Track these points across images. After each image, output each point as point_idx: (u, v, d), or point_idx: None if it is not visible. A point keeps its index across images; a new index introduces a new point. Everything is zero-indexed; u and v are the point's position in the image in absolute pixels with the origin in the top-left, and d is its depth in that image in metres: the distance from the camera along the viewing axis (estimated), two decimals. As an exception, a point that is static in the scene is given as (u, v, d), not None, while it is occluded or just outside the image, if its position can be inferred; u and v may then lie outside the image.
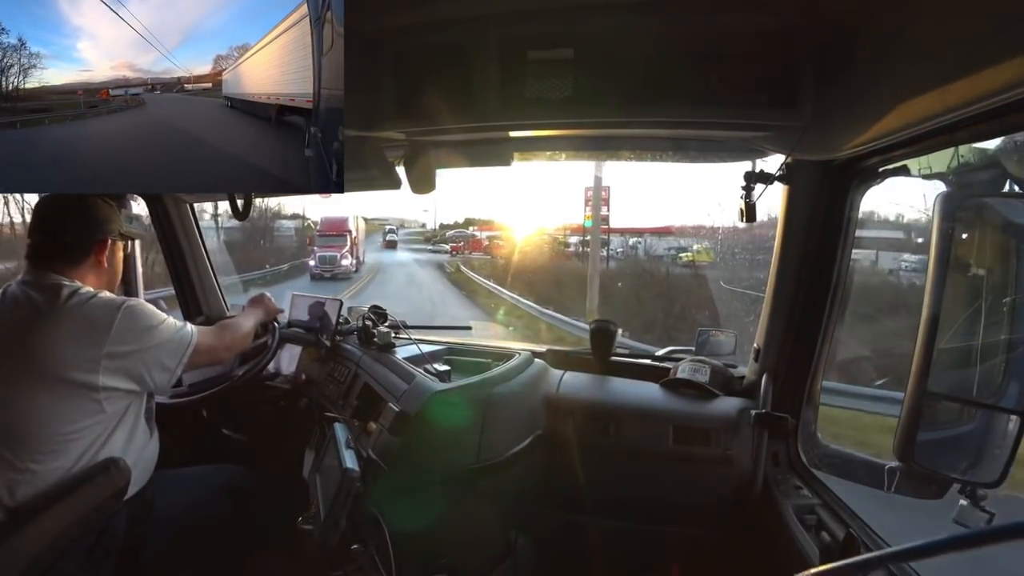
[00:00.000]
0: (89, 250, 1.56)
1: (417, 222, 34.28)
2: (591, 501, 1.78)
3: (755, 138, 1.43)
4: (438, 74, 1.29)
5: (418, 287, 17.79)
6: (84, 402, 1.42)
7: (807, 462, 1.64)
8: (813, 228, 1.53)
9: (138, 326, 1.49)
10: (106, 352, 1.43)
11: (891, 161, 1.28)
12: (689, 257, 14.28)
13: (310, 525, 1.52)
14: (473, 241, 26.73)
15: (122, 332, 1.45)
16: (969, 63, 0.79)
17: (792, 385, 1.66)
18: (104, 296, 1.50)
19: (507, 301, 14.54)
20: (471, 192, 39.51)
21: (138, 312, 1.50)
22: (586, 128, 1.41)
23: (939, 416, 1.12)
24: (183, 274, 2.59)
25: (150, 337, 1.51)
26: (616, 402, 1.82)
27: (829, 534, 1.33)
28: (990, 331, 1.06)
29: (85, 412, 1.43)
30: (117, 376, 1.45)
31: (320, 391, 2.16)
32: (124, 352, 1.46)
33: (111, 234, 1.60)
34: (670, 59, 1.18)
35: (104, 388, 1.43)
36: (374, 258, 24.62)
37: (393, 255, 26.84)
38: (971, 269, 1.07)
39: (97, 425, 1.45)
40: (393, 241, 29.65)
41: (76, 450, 1.42)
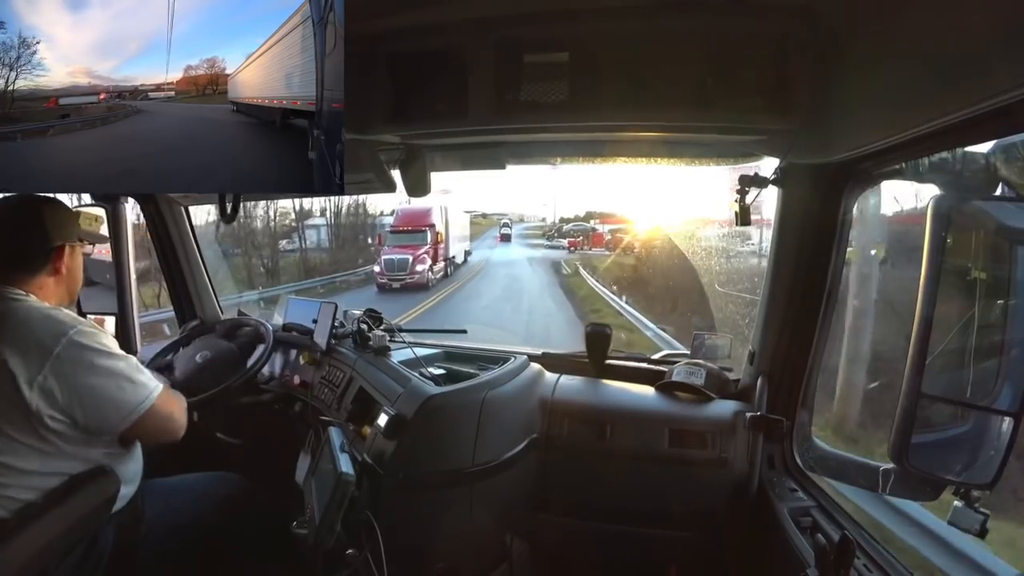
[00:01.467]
0: (47, 257, 1.46)
1: (537, 216, 33.67)
2: (587, 504, 1.78)
3: (749, 142, 1.44)
4: (434, 77, 1.29)
5: (517, 299, 13.50)
6: (28, 422, 1.30)
7: (802, 464, 1.64)
8: (807, 231, 1.53)
9: (84, 356, 1.34)
10: (42, 377, 1.29)
11: (884, 165, 1.29)
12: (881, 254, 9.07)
13: (305, 530, 1.51)
14: (594, 235, 23.76)
15: (65, 358, 1.31)
16: (961, 68, 0.80)
17: (787, 388, 1.66)
18: (54, 315, 1.37)
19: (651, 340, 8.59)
20: (591, 184, 37.63)
21: (86, 340, 1.35)
22: (581, 132, 1.41)
23: (933, 418, 1.13)
24: (177, 276, 2.58)
25: (93, 372, 1.35)
26: (612, 405, 1.82)
27: (824, 536, 1.33)
28: (983, 333, 1.06)
29: (36, 431, 1.31)
30: (47, 403, 1.29)
31: (315, 395, 2.15)
32: (58, 383, 1.30)
33: (69, 239, 1.50)
34: (665, 63, 1.18)
35: (36, 414, 1.29)
36: (482, 256, 21.81)
37: (504, 252, 24.49)
38: (964, 272, 1.08)
39: (59, 439, 1.34)
40: (508, 234, 29.19)
41: (48, 466, 1.35)
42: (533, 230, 31.66)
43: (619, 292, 12.66)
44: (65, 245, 1.49)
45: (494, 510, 1.68)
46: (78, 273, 1.57)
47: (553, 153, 1.77)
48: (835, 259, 1.51)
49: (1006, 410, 1.02)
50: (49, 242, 1.46)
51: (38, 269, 1.45)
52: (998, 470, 1.03)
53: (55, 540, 1.35)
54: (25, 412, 1.29)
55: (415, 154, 1.65)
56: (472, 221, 24.21)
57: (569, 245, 24.07)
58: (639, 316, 9.98)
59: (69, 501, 1.37)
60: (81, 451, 1.39)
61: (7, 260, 1.43)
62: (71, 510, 1.37)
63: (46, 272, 1.47)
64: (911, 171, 1.22)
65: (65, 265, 1.50)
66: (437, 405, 1.61)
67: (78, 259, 1.57)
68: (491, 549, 1.81)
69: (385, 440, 1.59)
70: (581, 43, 1.19)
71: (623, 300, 11.84)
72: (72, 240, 1.52)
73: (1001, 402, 1.03)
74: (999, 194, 1.07)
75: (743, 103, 1.19)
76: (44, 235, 1.45)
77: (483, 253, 23.02)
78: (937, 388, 1.09)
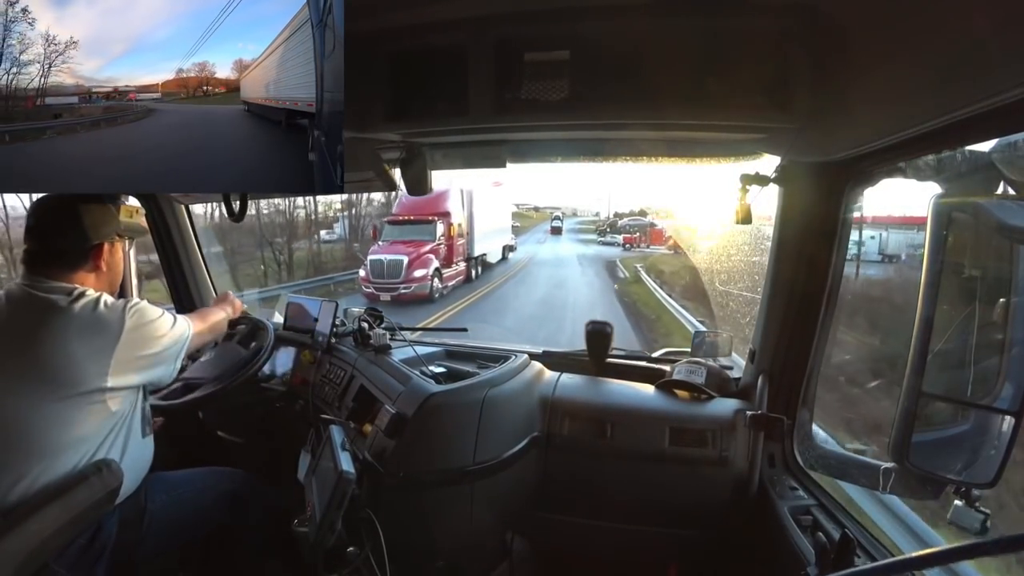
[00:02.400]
0: (87, 256, 1.54)
1: (591, 211, 33.00)
2: (588, 503, 1.78)
3: (750, 140, 1.44)
4: (434, 75, 1.29)
5: (558, 320, 9.50)
6: (90, 405, 1.42)
7: (803, 463, 1.64)
8: (808, 230, 1.53)
9: (145, 326, 1.52)
10: (116, 355, 1.44)
11: (885, 163, 1.29)
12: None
13: (305, 528, 1.51)
14: (652, 232, 21.35)
15: (131, 334, 1.48)
16: (964, 66, 0.79)
17: (788, 386, 1.66)
18: (109, 300, 1.50)
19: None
20: (647, 177, 35.18)
21: (144, 312, 1.53)
22: (581, 130, 1.41)
23: (934, 417, 1.13)
24: (178, 274, 2.58)
25: (156, 335, 1.54)
26: (612, 404, 1.82)
27: (825, 534, 1.33)
28: (984, 332, 1.06)
29: (90, 415, 1.43)
30: (126, 376, 1.48)
31: (316, 393, 2.15)
32: (133, 354, 1.48)
33: (107, 238, 1.58)
34: (665, 62, 1.18)
35: (112, 389, 1.45)
36: (527, 253, 19.68)
37: (553, 248, 22.69)
38: (965, 271, 1.08)
39: (98, 427, 1.45)
40: (559, 227, 29.13)
41: (75, 453, 1.42)
42: (586, 224, 30.73)
43: (698, 309, 8.78)
44: (104, 243, 1.56)
45: (495, 508, 1.68)
46: (119, 267, 1.66)
47: (553, 151, 1.77)
48: (836, 257, 1.51)
49: (1007, 409, 1.01)
50: (88, 241, 1.53)
51: (78, 267, 1.53)
52: (999, 469, 1.03)
53: (58, 531, 1.37)
54: (97, 394, 1.43)
55: (415, 152, 1.65)
56: (523, 214, 23.18)
57: (625, 242, 22.25)
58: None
59: (72, 493, 1.39)
60: (116, 429, 1.52)
61: (49, 259, 1.50)
62: (75, 502, 1.39)
63: (86, 269, 1.54)
64: (912, 170, 1.22)
65: (105, 262, 1.58)
66: (438, 403, 1.62)
67: (118, 255, 1.65)
68: (492, 547, 1.81)
69: (386, 438, 1.60)
70: (581, 41, 1.19)
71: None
72: (111, 238, 1.58)
73: (1002, 401, 1.02)
74: (1000, 193, 1.07)
75: (744, 101, 1.19)
76: (83, 235, 1.52)
77: (529, 249, 21.23)
78: (938, 387, 1.09)
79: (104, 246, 1.57)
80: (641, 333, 8.52)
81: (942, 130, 0.96)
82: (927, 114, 0.93)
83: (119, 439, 1.51)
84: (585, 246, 22.52)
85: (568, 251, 21.40)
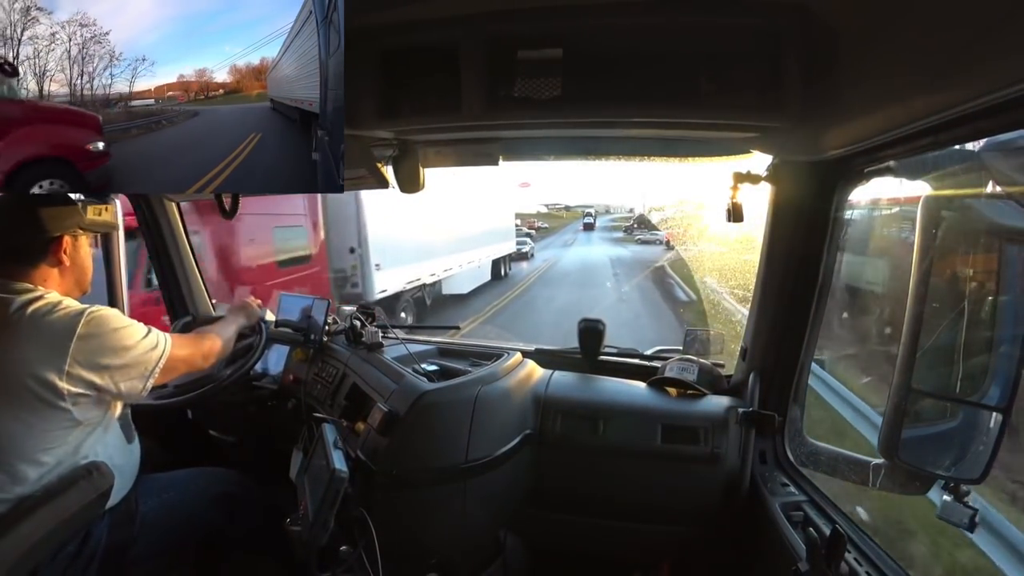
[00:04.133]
0: (46, 250, 1.49)
1: (624, 207, 32.41)
2: (581, 500, 1.79)
3: (742, 139, 1.44)
4: (426, 73, 1.29)
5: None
6: (50, 411, 1.37)
7: (794, 459, 1.65)
8: (799, 228, 1.54)
9: (104, 335, 1.43)
10: (70, 361, 1.38)
11: (876, 162, 1.29)
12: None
13: (298, 526, 1.51)
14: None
15: (85, 341, 1.40)
16: (954, 65, 0.80)
17: (779, 383, 1.68)
18: (69, 304, 1.44)
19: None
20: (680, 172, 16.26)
21: (103, 321, 1.44)
22: (574, 128, 1.41)
23: (923, 413, 1.14)
24: (169, 273, 2.56)
25: (115, 346, 1.45)
26: (605, 401, 1.82)
27: (816, 530, 1.34)
28: (973, 330, 1.07)
29: (53, 422, 1.38)
30: (82, 385, 1.40)
31: (308, 391, 2.15)
32: (88, 362, 1.40)
33: (68, 231, 1.52)
34: (658, 60, 1.18)
35: (70, 395, 1.39)
36: (546, 258, 15.71)
37: (582, 249, 20.04)
38: (954, 269, 1.09)
39: (68, 434, 1.41)
40: (591, 223, 29.63)
41: (50, 459, 1.39)
42: (620, 221, 29.98)
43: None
44: (64, 236, 1.52)
45: (488, 506, 1.68)
46: (84, 263, 1.61)
47: (546, 149, 1.77)
48: (827, 255, 1.53)
49: (994, 405, 1.03)
50: (46, 233, 1.49)
51: (39, 261, 1.49)
52: (987, 465, 1.04)
53: (48, 536, 1.36)
54: (55, 400, 1.37)
55: (408, 150, 1.65)
56: (554, 214, 21.74)
57: (667, 240, 17.63)
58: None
59: (63, 497, 1.38)
60: (94, 437, 1.48)
61: (8, 258, 1.46)
62: (65, 506, 1.38)
63: (48, 264, 1.50)
64: (903, 168, 1.23)
65: (67, 256, 1.53)
66: (430, 401, 1.62)
67: (83, 250, 1.59)
68: (485, 544, 1.81)
69: (378, 436, 1.60)
70: (574, 39, 1.19)
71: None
72: (73, 231, 1.54)
73: (990, 398, 1.04)
74: (989, 192, 1.08)
75: (736, 99, 1.19)
76: (40, 228, 1.47)
77: (553, 254, 17.00)
78: (927, 384, 1.10)
79: (65, 239, 1.52)
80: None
81: (932, 129, 0.97)
82: (917, 113, 0.93)
83: (96, 447, 1.48)
84: (619, 246, 19.50)
85: (599, 254, 17.40)
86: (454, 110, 1.27)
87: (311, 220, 7.88)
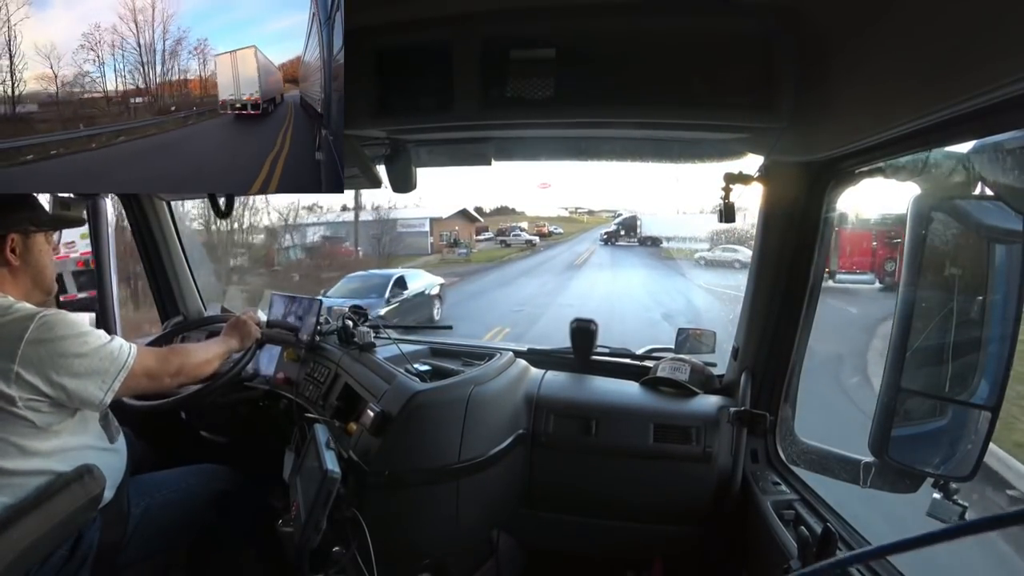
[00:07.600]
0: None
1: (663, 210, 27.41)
2: (573, 499, 1.79)
3: (734, 139, 1.45)
4: (419, 72, 1.29)
5: None
6: (8, 418, 1.31)
7: (785, 458, 1.66)
8: (791, 228, 1.55)
9: (55, 341, 1.34)
10: (18, 367, 1.29)
11: (867, 163, 1.30)
12: None
13: (291, 528, 1.50)
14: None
15: (35, 346, 1.31)
16: (943, 68, 0.81)
17: (770, 383, 1.68)
18: (18, 307, 1.37)
19: None
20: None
21: (56, 326, 1.35)
22: (567, 128, 1.41)
23: (913, 412, 1.15)
24: (159, 273, 2.54)
25: (67, 351, 1.35)
26: (597, 401, 1.83)
27: (807, 528, 1.35)
28: (961, 329, 1.08)
29: (11, 429, 1.32)
30: (31, 391, 1.31)
31: (300, 392, 2.13)
32: (37, 367, 1.31)
33: (13, 228, 1.44)
34: (650, 61, 1.19)
35: (23, 401, 1.31)
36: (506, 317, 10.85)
37: (593, 275, 15.19)
38: (943, 269, 1.10)
39: (35, 441, 1.35)
40: (615, 236, 23.52)
41: (25, 466, 1.34)
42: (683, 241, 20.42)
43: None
44: (10, 234, 1.44)
45: (481, 506, 1.68)
46: (41, 262, 1.52)
47: (539, 149, 1.77)
48: (817, 256, 1.53)
49: (983, 404, 1.04)
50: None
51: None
52: (976, 463, 1.05)
53: (39, 540, 1.33)
54: (7, 406, 1.29)
55: (400, 149, 1.64)
56: (574, 218, 19.75)
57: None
58: None
59: (54, 501, 1.35)
60: (69, 441, 1.41)
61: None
62: (56, 510, 1.35)
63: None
64: (892, 170, 1.24)
65: (18, 256, 1.46)
66: (423, 402, 1.61)
67: (36, 248, 1.51)
68: (478, 544, 1.81)
69: (371, 437, 1.59)
70: (567, 40, 1.19)
71: None
72: (21, 228, 1.46)
73: (978, 397, 1.05)
74: (977, 193, 1.09)
75: (728, 101, 1.20)
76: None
77: (527, 293, 11.39)
78: (917, 383, 1.11)
79: (11, 238, 1.44)
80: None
81: (922, 131, 0.98)
82: (907, 115, 0.94)
83: (73, 450, 1.43)
84: (675, 275, 12.84)
85: (621, 289, 11.83)
86: (447, 109, 1.27)
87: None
